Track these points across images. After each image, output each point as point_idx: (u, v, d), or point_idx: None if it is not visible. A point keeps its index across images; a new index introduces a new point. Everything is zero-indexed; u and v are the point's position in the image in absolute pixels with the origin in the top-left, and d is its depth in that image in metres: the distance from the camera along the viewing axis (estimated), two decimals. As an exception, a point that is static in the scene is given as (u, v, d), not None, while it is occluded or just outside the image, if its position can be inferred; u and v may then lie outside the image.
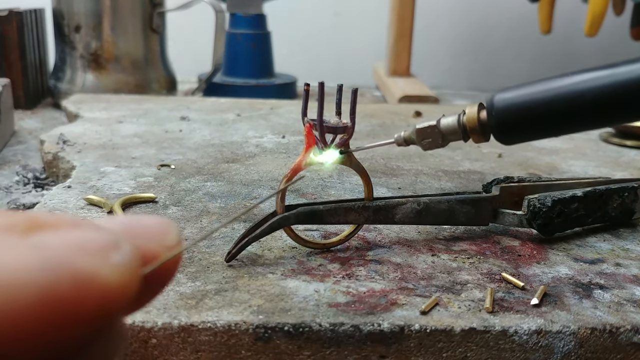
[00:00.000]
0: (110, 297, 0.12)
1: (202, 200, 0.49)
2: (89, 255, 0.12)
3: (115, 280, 0.12)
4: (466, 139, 0.40)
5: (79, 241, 0.12)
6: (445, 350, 0.33)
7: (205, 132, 0.71)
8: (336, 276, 0.37)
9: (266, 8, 1.12)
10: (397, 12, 1.13)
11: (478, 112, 0.39)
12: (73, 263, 0.12)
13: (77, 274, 0.12)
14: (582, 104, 0.36)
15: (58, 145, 0.63)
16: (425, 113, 0.86)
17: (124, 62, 0.95)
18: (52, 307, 0.11)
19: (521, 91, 0.38)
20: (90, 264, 0.12)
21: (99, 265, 0.12)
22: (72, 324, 0.12)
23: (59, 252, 0.12)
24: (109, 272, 0.12)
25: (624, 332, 0.33)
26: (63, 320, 0.11)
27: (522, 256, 0.42)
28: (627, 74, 0.35)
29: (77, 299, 0.12)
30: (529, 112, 0.37)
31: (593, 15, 0.97)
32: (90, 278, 0.12)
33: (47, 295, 0.11)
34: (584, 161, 0.66)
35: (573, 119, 0.37)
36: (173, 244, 0.14)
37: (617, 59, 0.36)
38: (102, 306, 0.12)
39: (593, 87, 0.36)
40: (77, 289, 0.12)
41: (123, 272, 0.12)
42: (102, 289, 0.12)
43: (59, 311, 0.11)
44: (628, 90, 0.35)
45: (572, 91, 0.36)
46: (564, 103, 0.36)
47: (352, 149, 0.39)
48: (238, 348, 0.32)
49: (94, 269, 0.12)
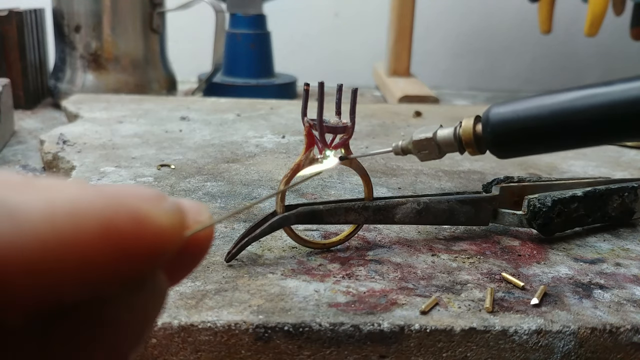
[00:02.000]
0: (161, 236, 0.13)
1: (202, 200, 0.49)
2: (144, 200, 0.13)
3: (167, 222, 0.13)
4: (462, 152, 0.40)
5: (134, 189, 0.14)
6: (445, 350, 0.33)
7: (205, 132, 0.71)
8: (336, 276, 0.37)
9: (266, 8, 1.12)
10: (397, 12, 1.13)
11: (474, 125, 0.39)
12: (131, 203, 0.13)
13: (135, 211, 0.13)
14: (577, 122, 0.36)
15: (58, 145, 0.63)
16: (425, 113, 0.86)
17: (124, 62, 0.95)
18: (111, 238, 0.12)
19: (517, 106, 0.37)
20: (145, 205, 0.13)
21: (152, 207, 0.13)
22: (128, 257, 0.12)
23: (119, 193, 0.13)
24: (162, 214, 0.13)
25: (624, 332, 0.33)
26: (120, 252, 0.12)
27: (522, 256, 0.42)
28: (622, 93, 0.34)
29: (134, 233, 0.13)
30: (524, 128, 0.37)
31: (593, 15, 0.97)
32: (145, 216, 0.13)
33: (108, 226, 0.12)
34: (584, 161, 0.66)
35: (568, 137, 0.37)
36: (206, 220, 0.15)
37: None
38: (154, 243, 0.13)
39: (588, 106, 0.35)
40: (135, 224, 0.13)
41: (173, 217, 0.14)
42: (155, 227, 0.13)
43: (118, 242, 0.12)
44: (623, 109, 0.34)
45: (567, 108, 0.36)
46: (559, 120, 0.36)
47: (351, 156, 0.39)
48: (238, 348, 0.32)
49: (149, 209, 0.13)
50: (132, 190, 0.13)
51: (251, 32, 1.10)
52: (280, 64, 1.20)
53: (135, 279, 0.13)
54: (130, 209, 0.13)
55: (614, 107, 0.34)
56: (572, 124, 0.36)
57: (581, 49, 1.51)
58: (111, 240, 0.12)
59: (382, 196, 0.44)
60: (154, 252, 0.13)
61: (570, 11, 1.31)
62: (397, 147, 0.42)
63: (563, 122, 0.36)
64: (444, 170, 0.60)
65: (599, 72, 1.52)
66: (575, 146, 0.39)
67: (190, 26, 1.29)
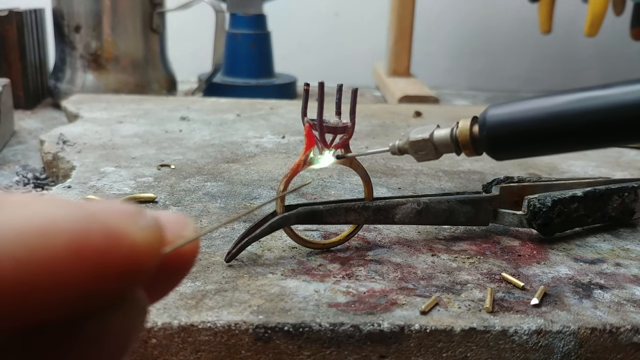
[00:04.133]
0: (136, 254, 0.13)
1: (202, 200, 0.49)
2: (118, 216, 0.13)
3: (142, 239, 0.13)
4: (459, 153, 0.39)
5: (110, 205, 0.13)
6: (445, 350, 0.33)
7: (205, 132, 0.71)
8: (336, 276, 0.37)
9: (266, 8, 1.12)
10: (397, 12, 1.13)
11: (471, 126, 0.38)
12: (105, 218, 0.13)
13: (108, 227, 0.12)
14: (575, 125, 0.35)
15: (58, 145, 0.63)
16: (425, 113, 0.86)
17: (124, 62, 0.95)
18: (84, 255, 0.12)
19: (515, 107, 0.37)
20: (120, 222, 0.13)
21: (128, 224, 0.13)
22: (100, 276, 0.12)
23: (93, 209, 0.13)
24: (137, 231, 0.13)
25: (624, 332, 0.33)
26: (92, 269, 0.12)
27: (522, 256, 0.42)
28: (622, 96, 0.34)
29: (107, 250, 0.12)
30: (521, 130, 0.36)
31: (593, 15, 0.97)
32: (119, 233, 0.13)
33: (80, 242, 0.12)
34: (584, 161, 0.66)
35: (565, 140, 0.36)
36: (190, 234, 0.15)
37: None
38: (129, 261, 0.13)
39: (588, 109, 0.35)
40: (108, 240, 0.12)
41: (149, 233, 0.13)
42: (129, 245, 0.13)
43: (89, 259, 0.12)
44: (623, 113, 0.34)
45: (565, 111, 0.35)
46: (557, 123, 0.35)
47: (347, 155, 0.39)
48: (238, 348, 0.32)
49: (124, 226, 0.13)
50: (107, 206, 0.13)
51: (251, 32, 1.10)
52: (280, 64, 1.20)
53: (112, 296, 0.13)
54: (103, 225, 0.12)
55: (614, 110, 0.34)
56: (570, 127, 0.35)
57: (581, 49, 1.51)
58: (84, 257, 0.12)
59: (382, 196, 0.44)
60: (130, 270, 0.13)
61: (570, 11, 1.31)
62: (394, 147, 0.41)
63: (561, 125, 0.35)
64: (444, 171, 0.60)
65: (599, 73, 1.52)
66: (573, 149, 0.39)
67: (190, 26, 1.29)
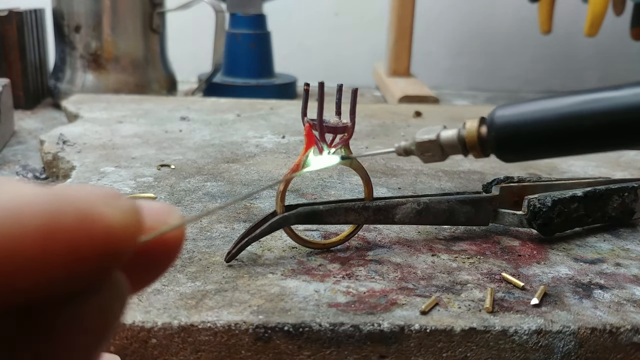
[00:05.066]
0: (112, 235, 0.12)
1: (202, 200, 0.49)
2: (93, 198, 0.13)
3: (118, 221, 0.13)
4: (466, 154, 0.39)
5: (85, 188, 0.13)
6: (445, 350, 0.33)
7: (205, 132, 0.71)
8: (336, 276, 0.37)
9: (266, 8, 1.12)
10: (397, 12, 1.13)
11: (478, 127, 0.38)
12: (78, 200, 0.12)
13: (81, 209, 0.12)
14: (583, 127, 0.35)
15: (58, 145, 0.63)
16: (425, 113, 0.86)
17: (124, 62, 0.95)
18: (55, 236, 0.12)
19: (523, 108, 0.37)
20: (94, 203, 0.12)
21: (102, 205, 0.13)
22: (74, 258, 0.12)
23: (66, 192, 0.12)
24: (112, 213, 0.13)
25: (624, 332, 0.33)
26: (65, 251, 0.12)
27: (522, 256, 0.42)
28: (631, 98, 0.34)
29: (80, 231, 0.12)
30: (531, 132, 0.36)
31: (593, 15, 0.97)
32: (93, 214, 0.12)
33: (50, 223, 0.12)
34: (584, 161, 0.66)
35: (576, 142, 0.36)
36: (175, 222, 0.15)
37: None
38: (103, 243, 0.12)
39: (595, 110, 0.35)
40: (80, 221, 0.12)
41: (125, 216, 0.13)
42: (104, 226, 0.12)
43: (61, 240, 0.12)
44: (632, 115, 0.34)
45: (573, 112, 0.35)
46: (568, 125, 0.35)
47: (352, 156, 0.39)
48: (238, 348, 0.32)
49: (98, 208, 0.12)
50: (81, 189, 0.13)
51: (251, 32, 1.10)
52: (280, 64, 1.20)
53: (88, 279, 0.13)
54: (77, 207, 0.12)
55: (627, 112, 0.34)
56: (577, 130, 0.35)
57: (581, 49, 1.51)
58: (56, 238, 0.12)
59: (382, 196, 0.44)
60: (106, 252, 0.12)
61: (570, 11, 1.31)
62: (400, 148, 0.41)
63: (572, 127, 0.35)
64: (444, 171, 0.60)
65: (599, 73, 1.52)
66: (583, 152, 0.39)
67: (190, 26, 1.29)
